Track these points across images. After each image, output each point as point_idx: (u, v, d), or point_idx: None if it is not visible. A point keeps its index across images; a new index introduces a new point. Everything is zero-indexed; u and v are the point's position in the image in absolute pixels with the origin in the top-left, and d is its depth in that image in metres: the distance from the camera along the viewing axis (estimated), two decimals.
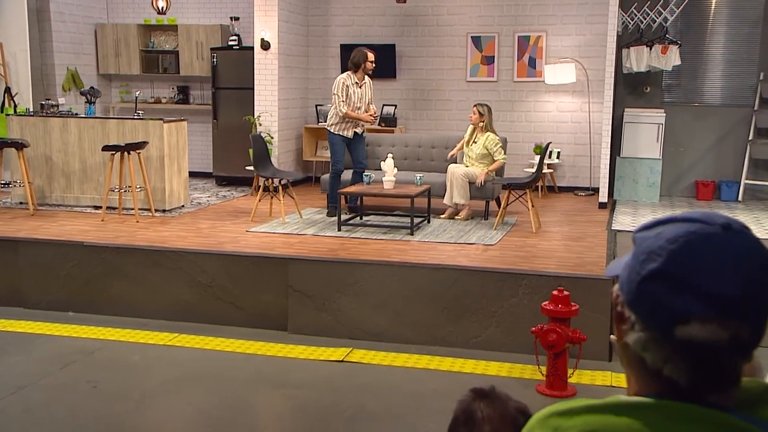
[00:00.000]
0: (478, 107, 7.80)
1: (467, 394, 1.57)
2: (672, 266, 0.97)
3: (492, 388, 1.58)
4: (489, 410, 1.52)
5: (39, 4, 9.93)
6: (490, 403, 1.55)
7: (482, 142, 7.70)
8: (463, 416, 1.54)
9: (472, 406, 1.55)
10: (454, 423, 1.55)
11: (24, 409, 4.58)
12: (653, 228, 1.05)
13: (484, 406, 1.54)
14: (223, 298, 6.19)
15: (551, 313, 4.79)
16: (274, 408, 4.69)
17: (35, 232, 6.92)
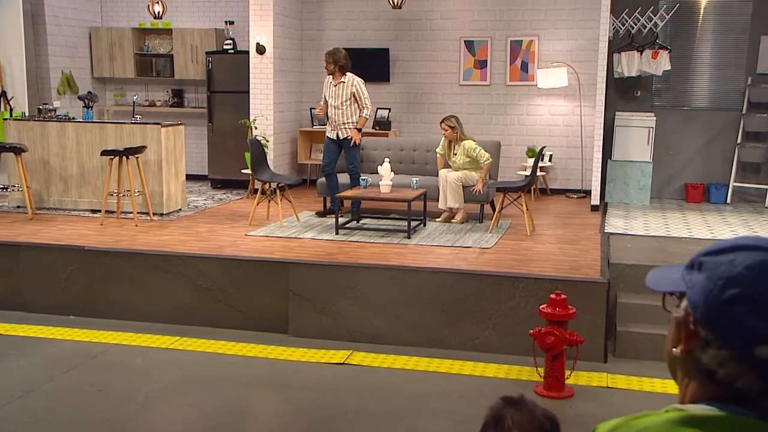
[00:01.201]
0: (446, 122, 7.80)
1: (497, 401, 1.68)
2: (753, 292, 1.06)
3: (521, 396, 1.69)
4: (518, 416, 1.63)
5: (34, 8, 9.95)
6: (519, 409, 1.65)
7: (462, 151, 7.78)
8: (493, 421, 1.64)
9: (502, 412, 1.65)
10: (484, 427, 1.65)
11: (30, 414, 4.64)
12: (723, 254, 1.14)
13: (514, 412, 1.64)
14: (223, 301, 6.27)
15: (549, 316, 4.89)
16: (276, 410, 4.77)
17: (35, 236, 6.96)
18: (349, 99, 7.78)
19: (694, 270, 1.15)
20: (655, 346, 5.55)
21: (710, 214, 8.56)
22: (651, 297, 5.82)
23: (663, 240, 7.12)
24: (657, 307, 5.11)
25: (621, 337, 5.66)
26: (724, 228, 7.71)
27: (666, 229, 7.60)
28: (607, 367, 5.47)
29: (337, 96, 7.81)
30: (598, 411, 4.74)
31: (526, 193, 7.43)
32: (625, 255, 6.41)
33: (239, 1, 10.63)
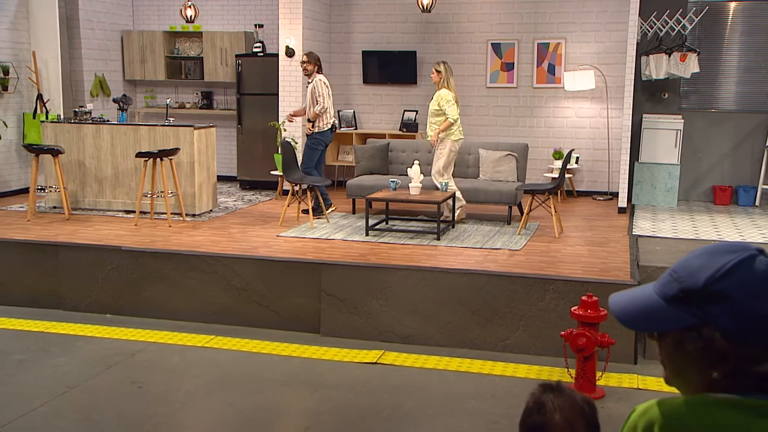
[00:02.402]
0: (435, 66, 7.85)
1: (537, 387, 1.79)
2: None
3: (558, 382, 1.79)
4: (558, 400, 1.72)
5: (68, 12, 10.16)
6: (558, 394, 1.74)
7: (436, 98, 7.76)
8: (535, 406, 1.74)
9: (542, 398, 1.74)
10: (527, 412, 1.75)
11: (75, 409, 4.79)
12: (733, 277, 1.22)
13: (554, 397, 1.73)
14: (257, 301, 6.39)
15: (581, 318, 4.95)
16: (312, 409, 4.87)
17: (73, 236, 7.13)
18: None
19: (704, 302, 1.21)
20: None
21: (739, 217, 8.56)
22: None
23: (692, 242, 7.14)
24: None
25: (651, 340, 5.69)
26: (753, 230, 7.71)
27: (695, 232, 7.62)
28: (638, 368, 5.52)
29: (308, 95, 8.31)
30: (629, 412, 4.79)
31: (554, 195, 7.48)
32: (654, 257, 6.45)
33: (269, 4, 10.77)
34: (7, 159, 9.36)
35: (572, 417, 1.69)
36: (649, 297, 1.26)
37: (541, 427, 1.69)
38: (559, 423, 1.68)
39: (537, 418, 1.71)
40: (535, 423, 1.71)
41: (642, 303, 1.27)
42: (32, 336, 6.14)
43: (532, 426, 1.72)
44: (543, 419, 1.70)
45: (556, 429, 1.68)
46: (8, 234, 7.20)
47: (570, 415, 1.69)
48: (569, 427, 1.68)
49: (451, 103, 7.67)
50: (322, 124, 8.25)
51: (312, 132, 8.23)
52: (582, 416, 1.70)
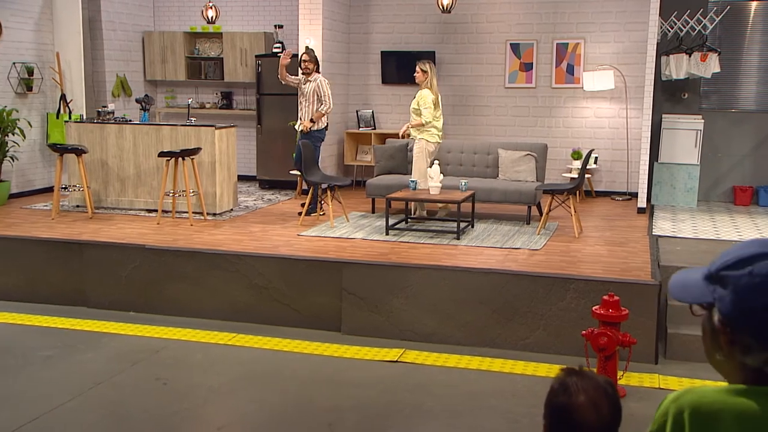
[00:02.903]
0: (420, 65, 7.90)
1: (560, 371, 1.85)
2: None
3: (581, 366, 1.86)
4: (582, 382, 1.78)
5: (91, 14, 10.28)
6: (581, 377, 1.80)
7: (417, 98, 7.84)
8: (560, 388, 1.79)
9: (566, 380, 1.80)
10: (552, 394, 1.81)
11: (103, 404, 4.87)
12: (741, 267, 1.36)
13: (577, 379, 1.79)
14: (279, 299, 6.45)
15: (602, 317, 4.97)
16: (335, 406, 4.91)
17: (97, 235, 7.23)
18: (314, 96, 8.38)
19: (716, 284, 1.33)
20: None
21: (760, 217, 8.53)
22: None
23: (713, 243, 7.12)
24: None
25: (672, 339, 5.71)
26: None
27: (715, 232, 7.60)
28: (658, 368, 5.53)
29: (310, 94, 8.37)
30: (650, 411, 4.77)
31: (573, 195, 7.49)
32: (674, 257, 6.45)
33: (288, 5, 10.85)
34: (31, 158, 9.48)
35: (596, 397, 1.75)
36: (695, 272, 1.39)
37: (567, 407, 1.75)
38: (584, 403, 1.73)
39: (563, 399, 1.76)
40: (561, 404, 1.76)
41: (689, 276, 1.39)
42: (58, 333, 6.23)
43: (557, 407, 1.78)
44: (568, 400, 1.75)
45: (582, 409, 1.74)
46: (34, 232, 7.30)
47: (594, 395, 1.75)
48: (594, 407, 1.73)
49: (428, 105, 7.77)
50: (321, 123, 8.42)
51: (310, 130, 8.33)
52: (606, 397, 1.76)
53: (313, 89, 8.34)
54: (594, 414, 1.73)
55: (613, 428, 1.77)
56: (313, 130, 8.37)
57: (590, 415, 1.73)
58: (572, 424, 1.74)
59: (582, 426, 1.74)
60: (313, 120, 8.34)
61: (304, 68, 8.42)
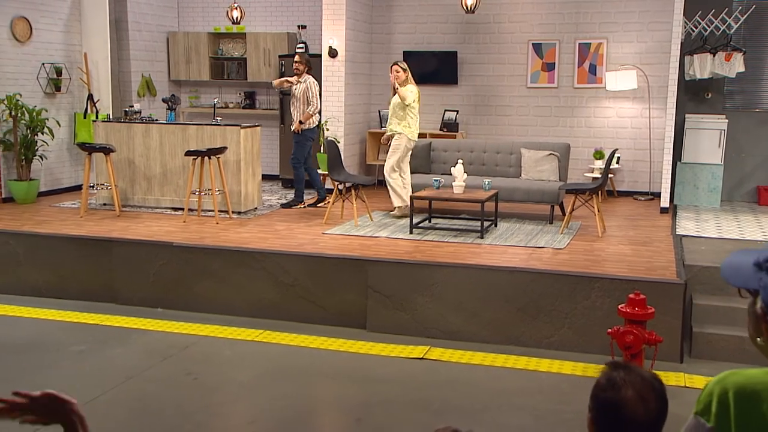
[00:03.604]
0: (400, 64, 8.19)
1: (605, 366, 1.86)
2: None
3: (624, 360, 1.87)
4: (629, 377, 1.77)
5: (117, 15, 10.43)
6: (627, 371, 1.80)
7: (401, 92, 8.03)
8: (607, 383, 1.78)
9: (613, 375, 1.79)
10: (598, 389, 1.80)
11: (135, 398, 4.97)
12: None
13: (624, 374, 1.78)
14: (304, 297, 6.53)
15: (628, 316, 5.00)
16: (363, 402, 4.97)
17: (126, 232, 7.34)
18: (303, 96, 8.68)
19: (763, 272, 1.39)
20: (732, 348, 5.61)
21: None
22: (727, 299, 5.90)
23: (737, 243, 7.11)
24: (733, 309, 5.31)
25: (697, 338, 5.72)
26: None
27: (740, 232, 7.59)
28: (684, 367, 5.54)
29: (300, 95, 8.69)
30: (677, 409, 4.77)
31: (596, 194, 7.51)
32: (699, 257, 6.45)
33: (311, 6, 10.93)
34: (59, 157, 9.63)
35: (644, 391, 1.74)
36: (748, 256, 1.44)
37: (615, 402, 1.75)
38: (632, 397, 1.73)
39: (610, 394, 1.76)
40: (609, 398, 1.76)
41: (741, 259, 1.44)
42: (89, 328, 6.34)
43: (605, 401, 1.77)
44: (616, 395, 1.75)
45: (630, 403, 1.73)
46: (63, 230, 7.43)
47: (641, 389, 1.74)
48: (642, 401, 1.73)
49: (414, 100, 8.11)
50: (311, 122, 8.70)
51: (300, 130, 8.62)
52: (653, 390, 1.75)
53: (303, 90, 8.62)
54: (642, 408, 1.73)
55: (660, 422, 1.77)
56: (304, 130, 8.66)
57: (638, 409, 1.73)
58: (620, 418, 1.75)
59: (630, 420, 1.74)
60: (302, 121, 8.60)
61: (294, 69, 8.72)
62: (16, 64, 8.92)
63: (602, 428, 1.79)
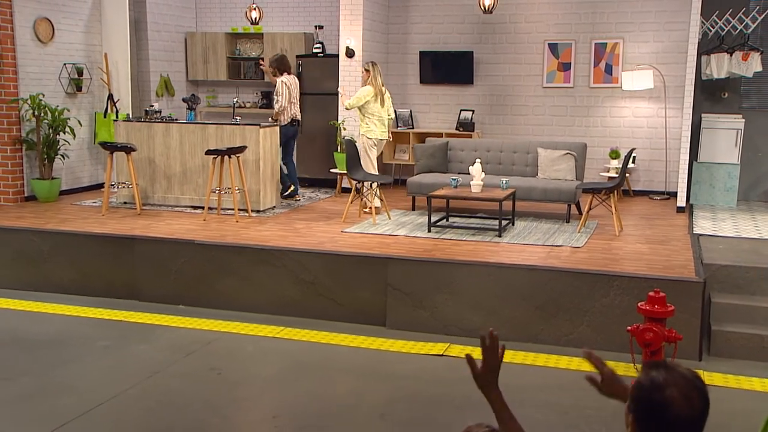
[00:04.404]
0: (364, 65, 8.75)
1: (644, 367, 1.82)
2: None
3: (665, 360, 1.84)
4: (671, 377, 1.75)
5: (137, 16, 10.54)
6: (668, 371, 1.78)
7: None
8: (649, 384, 1.77)
9: (654, 375, 1.78)
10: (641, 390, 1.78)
11: (161, 392, 5.05)
12: None
13: (665, 374, 1.77)
14: (324, 294, 6.60)
15: (647, 313, 5.05)
16: (385, 397, 5.03)
17: (147, 230, 7.44)
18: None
19: None
20: (751, 346, 5.65)
21: None
22: (746, 298, 5.94)
23: (755, 242, 7.14)
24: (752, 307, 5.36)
25: (716, 337, 5.75)
26: None
27: (757, 231, 7.61)
28: (702, 365, 5.58)
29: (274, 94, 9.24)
30: None
31: (613, 194, 7.54)
32: (718, 256, 6.48)
33: (328, 6, 11.01)
34: (80, 156, 9.75)
35: (687, 390, 1.74)
36: None
37: (660, 403, 1.74)
38: (676, 397, 1.73)
39: (655, 395, 1.75)
40: (653, 400, 1.75)
41: None
42: (112, 324, 6.44)
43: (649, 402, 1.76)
44: (661, 395, 1.74)
45: (674, 403, 1.72)
46: (86, 227, 7.54)
47: (684, 387, 1.74)
48: (686, 399, 1.73)
49: (359, 97, 8.55)
50: (282, 119, 9.07)
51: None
52: (696, 389, 1.75)
53: (275, 90, 9.16)
54: (687, 407, 1.72)
55: (703, 420, 1.76)
56: (280, 126, 9.03)
57: (683, 408, 1.72)
58: (665, 418, 1.73)
59: (675, 420, 1.73)
60: (273, 118, 9.08)
61: (271, 72, 9.27)
62: (39, 65, 9.05)
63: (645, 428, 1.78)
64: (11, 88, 8.69)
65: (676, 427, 1.74)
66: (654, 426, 1.76)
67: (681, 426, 1.74)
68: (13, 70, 8.71)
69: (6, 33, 8.58)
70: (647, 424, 1.78)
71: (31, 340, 6.01)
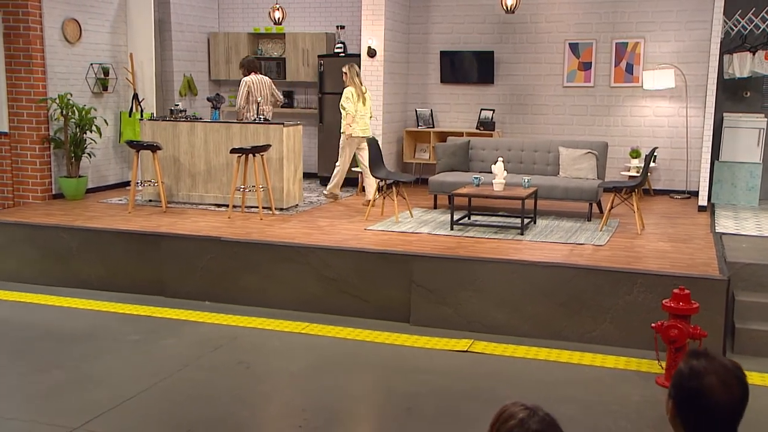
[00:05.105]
0: (343, 68, 9.05)
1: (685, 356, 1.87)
2: None
3: (705, 349, 1.88)
4: (711, 366, 1.80)
5: (161, 16, 10.68)
6: (709, 360, 1.82)
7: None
8: (690, 372, 1.81)
9: (694, 363, 1.82)
10: (682, 378, 1.82)
11: (191, 385, 5.15)
12: None
13: (706, 363, 1.81)
14: (348, 291, 6.67)
15: (672, 310, 5.08)
16: (412, 392, 5.10)
17: (173, 227, 7.55)
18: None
19: None
20: None
21: None
22: None
23: None
24: None
25: (740, 334, 5.77)
26: None
27: None
28: None
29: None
30: None
31: (635, 192, 7.57)
32: (741, 254, 6.49)
33: (350, 6, 11.10)
34: (105, 155, 9.90)
35: (727, 378, 1.78)
36: None
37: (700, 390, 1.78)
38: (716, 385, 1.77)
39: (695, 383, 1.79)
40: (693, 387, 1.79)
41: None
42: (140, 319, 6.55)
43: (689, 390, 1.80)
44: (701, 383, 1.78)
45: (714, 391, 1.77)
46: (113, 224, 7.66)
47: (724, 376, 1.78)
48: (725, 387, 1.77)
49: (347, 98, 8.83)
50: (246, 117, 9.17)
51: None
52: (735, 377, 1.79)
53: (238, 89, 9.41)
54: (726, 395, 1.76)
55: (742, 408, 1.79)
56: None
57: (722, 396, 1.76)
58: (704, 405, 1.78)
59: (714, 407, 1.77)
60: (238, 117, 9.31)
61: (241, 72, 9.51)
62: (67, 65, 9.20)
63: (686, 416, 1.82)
64: (40, 87, 8.85)
65: (715, 414, 1.79)
66: (694, 413, 1.81)
67: (720, 413, 1.78)
68: (42, 70, 8.86)
69: (36, 34, 8.74)
70: (687, 411, 1.82)
71: (63, 334, 6.13)
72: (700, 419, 1.80)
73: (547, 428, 1.71)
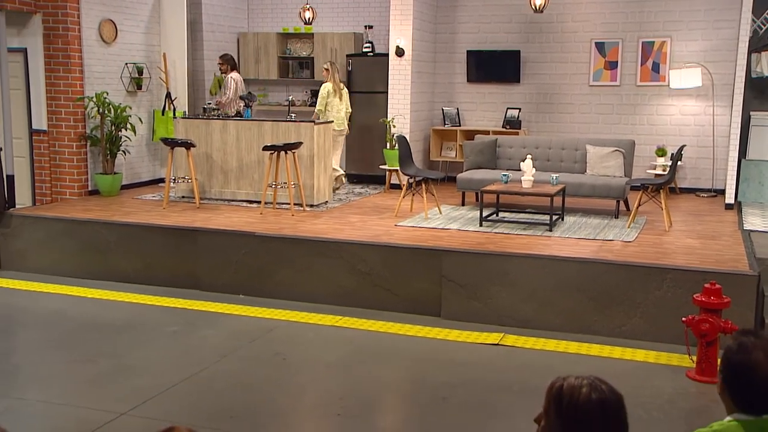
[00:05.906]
0: (324, 65, 9.71)
1: (735, 333, 1.98)
2: None
3: (756, 327, 2.00)
4: (759, 342, 1.91)
5: (193, 16, 10.88)
6: (757, 336, 1.93)
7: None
8: (738, 347, 1.93)
9: (743, 339, 1.94)
10: (730, 353, 1.94)
11: (229, 375, 5.30)
12: None
13: (754, 339, 1.92)
14: (380, 285, 6.81)
15: (704, 304, 5.16)
16: (445, 382, 5.21)
17: (208, 222, 7.73)
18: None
19: None
20: None
21: None
22: None
23: None
24: None
25: None
26: None
27: None
28: None
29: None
30: None
31: (662, 190, 7.64)
32: None
33: (378, 6, 11.24)
34: (139, 152, 10.11)
35: None
36: None
37: (747, 365, 1.89)
38: (762, 360, 1.88)
39: (742, 357, 1.90)
40: (739, 361, 1.90)
41: None
42: (178, 312, 6.73)
43: (737, 364, 1.91)
44: (748, 358, 1.89)
45: (760, 366, 1.87)
46: (150, 220, 7.85)
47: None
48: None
49: (322, 96, 9.52)
50: (230, 110, 9.53)
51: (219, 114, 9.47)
52: None
53: (224, 83, 9.85)
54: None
55: None
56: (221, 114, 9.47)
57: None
58: (752, 379, 1.88)
59: (761, 382, 1.87)
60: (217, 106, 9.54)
61: (219, 67, 9.86)
62: (103, 64, 9.42)
63: (734, 390, 1.93)
64: (78, 86, 9.07)
65: (762, 389, 1.89)
66: (742, 387, 1.92)
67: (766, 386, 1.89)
68: (79, 69, 9.08)
69: (74, 34, 8.96)
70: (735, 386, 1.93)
71: (105, 325, 6.32)
72: (747, 392, 1.90)
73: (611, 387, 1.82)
